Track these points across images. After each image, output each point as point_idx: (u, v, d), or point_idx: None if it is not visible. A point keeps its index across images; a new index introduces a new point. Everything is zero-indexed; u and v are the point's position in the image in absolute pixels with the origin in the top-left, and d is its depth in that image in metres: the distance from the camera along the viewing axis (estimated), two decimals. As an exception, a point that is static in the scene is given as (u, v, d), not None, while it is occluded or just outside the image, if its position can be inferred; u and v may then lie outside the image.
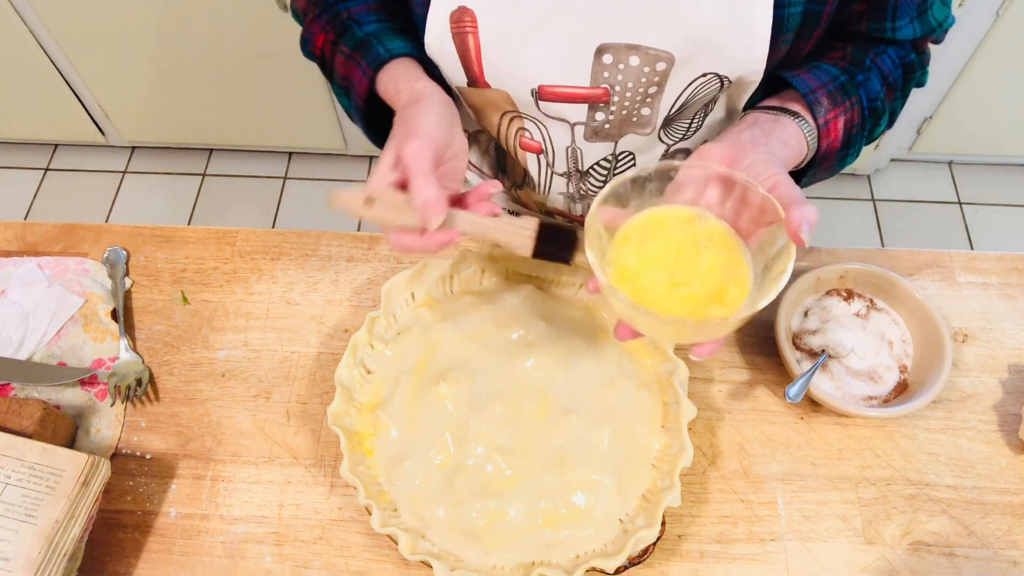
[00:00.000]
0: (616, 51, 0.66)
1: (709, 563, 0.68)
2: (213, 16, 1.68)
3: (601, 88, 0.69)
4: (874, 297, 0.79)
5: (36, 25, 1.73)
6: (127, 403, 0.77)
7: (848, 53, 0.73)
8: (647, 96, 0.70)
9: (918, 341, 0.77)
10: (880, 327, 0.78)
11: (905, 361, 0.77)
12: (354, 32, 0.73)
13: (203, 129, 2.05)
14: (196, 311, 0.82)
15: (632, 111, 0.72)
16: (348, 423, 0.71)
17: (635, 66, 0.67)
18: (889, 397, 0.75)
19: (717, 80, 0.69)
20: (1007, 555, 0.69)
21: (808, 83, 0.69)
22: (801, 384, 0.71)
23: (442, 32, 0.68)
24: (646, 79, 0.68)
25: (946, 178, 2.12)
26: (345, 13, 0.74)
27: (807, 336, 0.77)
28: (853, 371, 0.75)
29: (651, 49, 0.66)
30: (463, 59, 0.70)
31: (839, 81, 0.71)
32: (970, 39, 1.68)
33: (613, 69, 0.68)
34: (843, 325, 0.77)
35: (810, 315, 0.78)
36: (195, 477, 0.73)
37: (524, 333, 0.73)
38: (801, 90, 0.68)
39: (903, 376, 0.76)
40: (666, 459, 0.69)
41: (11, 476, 0.64)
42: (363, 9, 0.75)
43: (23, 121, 2.04)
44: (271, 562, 0.68)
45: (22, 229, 0.88)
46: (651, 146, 0.78)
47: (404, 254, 0.62)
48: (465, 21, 0.67)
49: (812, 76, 0.70)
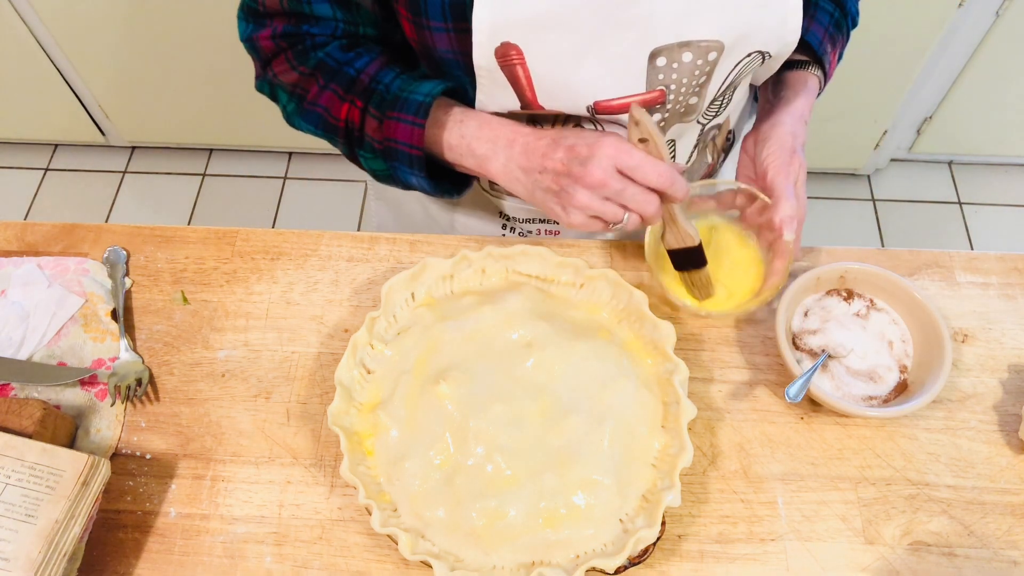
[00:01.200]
0: (669, 52, 0.67)
1: (709, 563, 0.68)
2: (213, 16, 1.68)
3: (657, 91, 0.69)
4: (874, 297, 0.79)
5: (36, 25, 1.73)
6: (127, 403, 0.77)
7: None
8: (698, 87, 0.71)
9: (918, 341, 0.77)
10: (880, 327, 0.77)
11: (905, 361, 0.77)
12: (382, 93, 0.72)
13: (203, 129, 2.05)
14: (196, 311, 0.82)
15: (683, 104, 0.72)
16: (348, 423, 0.71)
17: (688, 62, 0.68)
18: (889, 397, 0.75)
19: (759, 57, 0.70)
20: (1007, 555, 0.69)
21: (816, 34, 0.78)
22: (801, 384, 0.71)
23: (491, 66, 0.68)
24: (698, 71, 0.69)
25: (946, 178, 2.12)
26: (364, 77, 0.73)
27: (807, 336, 0.77)
28: (853, 371, 0.75)
29: (702, 42, 0.66)
30: (515, 88, 0.70)
31: (835, 19, 0.80)
32: (970, 39, 1.68)
33: (667, 70, 0.68)
34: (843, 325, 0.77)
35: (810, 315, 0.78)
36: (195, 477, 0.73)
37: (524, 333, 0.73)
38: (812, 44, 0.78)
39: (903, 376, 0.76)
40: (666, 459, 0.69)
41: (11, 476, 0.64)
42: (377, 67, 0.74)
43: (23, 121, 2.04)
44: (271, 562, 0.69)
45: (22, 229, 0.88)
46: (690, 130, 0.79)
47: (596, 221, 0.68)
48: (511, 55, 0.67)
49: (816, 24, 0.78)
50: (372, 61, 0.74)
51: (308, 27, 0.73)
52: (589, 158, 0.65)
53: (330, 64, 0.74)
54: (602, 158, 0.65)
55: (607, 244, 0.86)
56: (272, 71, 0.76)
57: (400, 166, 0.74)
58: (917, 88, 1.79)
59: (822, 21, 0.79)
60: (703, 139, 0.82)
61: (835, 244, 0.87)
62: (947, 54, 1.71)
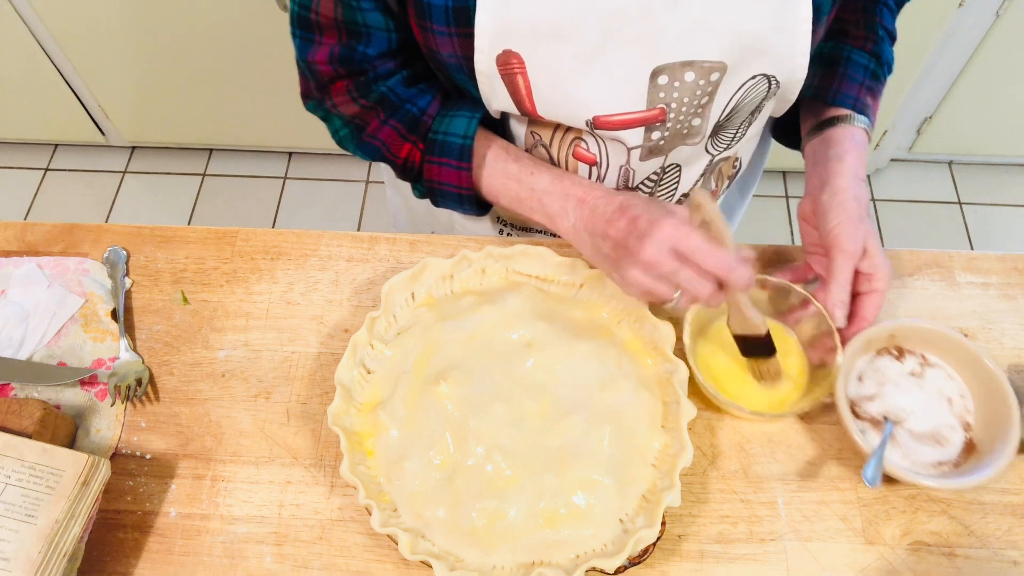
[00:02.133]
0: (671, 70, 0.66)
1: (709, 563, 0.68)
2: (213, 16, 1.68)
3: (657, 108, 0.68)
4: (925, 352, 0.75)
5: (36, 25, 1.73)
6: (127, 403, 0.77)
7: (861, 22, 0.78)
8: (699, 107, 0.70)
9: (978, 394, 0.73)
10: (937, 384, 0.74)
11: (967, 418, 0.73)
12: (431, 136, 0.75)
13: (203, 129, 2.05)
14: (196, 311, 0.82)
15: (685, 124, 0.71)
16: (348, 423, 0.71)
17: (690, 81, 0.67)
18: (959, 460, 0.71)
19: (765, 81, 0.69)
20: (1007, 555, 0.69)
21: (849, 94, 0.77)
22: (875, 464, 0.67)
23: (491, 72, 0.68)
24: (700, 91, 0.68)
25: (946, 178, 2.12)
26: (427, 119, 0.75)
27: (865, 403, 0.73)
28: (917, 435, 0.71)
29: (705, 62, 0.65)
30: (514, 97, 0.70)
31: (870, 70, 0.77)
32: (970, 39, 1.68)
33: (669, 88, 0.67)
34: (900, 387, 0.73)
35: (865, 379, 0.74)
36: (195, 477, 0.73)
37: (524, 333, 0.73)
38: (847, 106, 0.76)
39: (968, 435, 0.72)
40: (666, 459, 0.69)
41: (11, 476, 0.64)
42: (438, 107, 0.76)
43: (23, 121, 2.04)
44: (271, 562, 0.69)
45: (22, 229, 0.88)
46: (697, 157, 0.78)
47: (650, 295, 0.67)
48: (512, 63, 0.66)
49: (848, 82, 0.77)
50: (433, 100, 0.76)
51: (363, 47, 0.71)
52: (646, 235, 0.64)
53: (392, 100, 0.74)
54: (658, 239, 0.64)
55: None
56: (331, 100, 0.76)
57: (449, 203, 0.78)
58: (917, 88, 1.79)
59: (856, 78, 0.77)
60: (711, 168, 0.81)
61: (835, 244, 0.87)
62: (947, 54, 1.71)
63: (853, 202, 0.71)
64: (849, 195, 0.72)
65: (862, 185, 0.73)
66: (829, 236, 0.71)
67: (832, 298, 0.71)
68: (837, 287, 0.71)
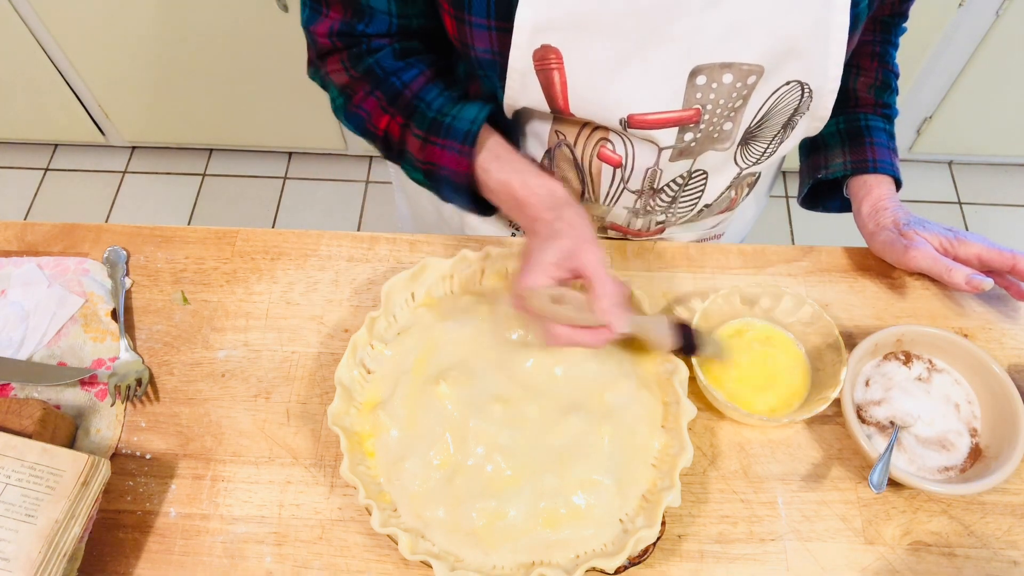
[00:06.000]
0: (711, 71, 0.65)
1: (709, 563, 0.68)
2: (213, 16, 1.68)
3: (693, 109, 0.68)
4: (932, 357, 0.76)
5: (36, 25, 1.73)
6: (127, 403, 0.77)
7: (876, 53, 0.87)
8: (733, 110, 0.70)
9: (984, 400, 0.73)
10: (944, 389, 0.74)
11: (974, 423, 0.73)
12: (423, 112, 0.73)
13: (203, 129, 2.05)
14: (196, 311, 0.82)
15: (717, 127, 0.71)
16: (348, 423, 0.71)
17: (728, 83, 0.66)
18: (965, 466, 0.71)
19: (798, 88, 0.69)
20: (1007, 555, 0.69)
21: (885, 160, 0.85)
22: (881, 469, 0.67)
23: (526, 69, 0.67)
24: (736, 93, 0.68)
25: (946, 178, 2.12)
26: (408, 92, 0.74)
27: (871, 408, 0.73)
28: (923, 440, 0.72)
29: (744, 64, 0.65)
30: (547, 93, 0.69)
31: (888, 132, 0.87)
32: (970, 39, 1.68)
33: (706, 89, 0.67)
34: (907, 392, 0.74)
35: (872, 384, 0.75)
36: (195, 477, 0.73)
37: (524, 333, 0.73)
38: (889, 173, 0.86)
39: (974, 440, 0.72)
40: (666, 459, 0.69)
41: (11, 476, 0.64)
42: (422, 82, 0.74)
43: (23, 121, 2.04)
44: (271, 562, 0.69)
45: (22, 229, 0.88)
46: (725, 166, 0.77)
47: (556, 344, 0.66)
48: (550, 59, 0.66)
49: (879, 149, 0.85)
50: (419, 75, 0.75)
51: (363, 26, 0.72)
52: (515, 279, 0.67)
53: (378, 72, 0.74)
54: (515, 290, 0.66)
55: (607, 245, 0.86)
56: (325, 69, 0.77)
57: (444, 189, 0.76)
58: (917, 88, 1.79)
59: (882, 142, 0.85)
60: (737, 181, 0.81)
61: (835, 244, 0.87)
62: (947, 54, 1.71)
63: (938, 226, 0.82)
64: (936, 226, 0.82)
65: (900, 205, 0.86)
66: (987, 254, 0.77)
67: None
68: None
